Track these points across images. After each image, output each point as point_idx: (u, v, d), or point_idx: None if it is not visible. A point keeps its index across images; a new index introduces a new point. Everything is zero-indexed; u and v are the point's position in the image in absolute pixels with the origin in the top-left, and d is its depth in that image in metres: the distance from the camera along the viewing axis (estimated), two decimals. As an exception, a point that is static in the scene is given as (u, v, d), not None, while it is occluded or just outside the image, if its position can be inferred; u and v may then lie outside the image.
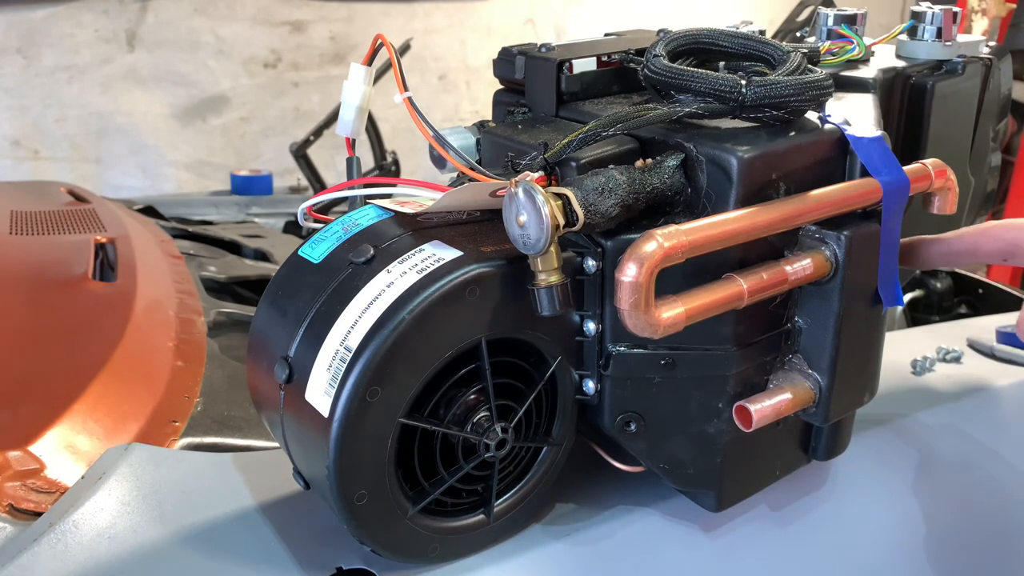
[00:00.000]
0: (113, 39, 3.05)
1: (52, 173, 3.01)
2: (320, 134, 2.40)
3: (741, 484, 0.64)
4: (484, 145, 0.65)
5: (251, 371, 0.58)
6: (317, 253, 0.56)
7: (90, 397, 0.75)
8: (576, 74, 0.64)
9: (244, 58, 3.27)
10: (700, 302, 0.50)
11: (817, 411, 0.60)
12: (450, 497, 0.56)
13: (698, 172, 0.54)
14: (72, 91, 3.03)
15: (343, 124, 0.66)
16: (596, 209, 0.50)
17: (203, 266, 1.26)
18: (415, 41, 2.86)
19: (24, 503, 0.63)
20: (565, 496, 0.64)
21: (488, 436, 0.54)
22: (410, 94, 0.58)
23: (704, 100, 0.55)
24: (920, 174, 0.58)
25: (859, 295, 0.57)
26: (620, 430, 0.58)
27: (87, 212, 1.32)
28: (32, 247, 1.13)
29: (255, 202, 2.13)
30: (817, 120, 0.57)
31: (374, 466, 0.51)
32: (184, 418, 0.78)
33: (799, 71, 0.56)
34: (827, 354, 0.58)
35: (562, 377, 0.57)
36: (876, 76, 0.68)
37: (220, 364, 0.90)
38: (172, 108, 3.21)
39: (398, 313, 0.49)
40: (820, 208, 0.54)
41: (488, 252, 0.52)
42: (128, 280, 1.01)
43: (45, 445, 0.68)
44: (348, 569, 0.57)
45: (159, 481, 0.63)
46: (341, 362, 0.49)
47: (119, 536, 0.58)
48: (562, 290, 0.50)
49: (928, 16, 0.75)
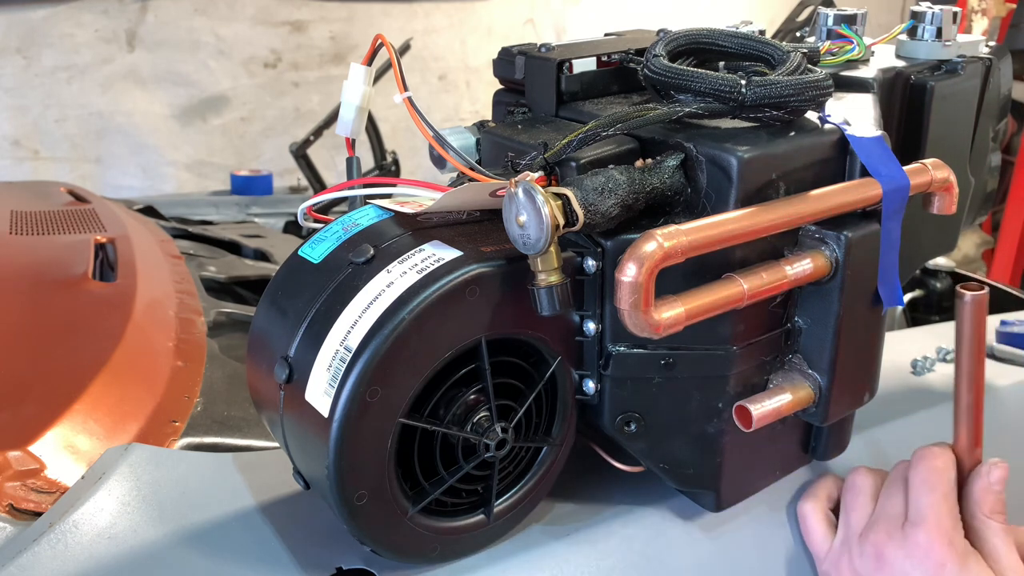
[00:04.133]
0: (113, 39, 3.05)
1: (52, 173, 3.01)
2: (320, 134, 2.40)
3: (741, 484, 0.64)
4: (484, 145, 0.65)
5: (251, 371, 0.58)
6: (317, 253, 0.56)
7: (90, 397, 0.75)
8: (576, 74, 0.64)
9: (244, 58, 3.27)
10: (700, 302, 0.50)
11: (817, 411, 0.60)
12: (450, 497, 0.56)
13: (698, 172, 0.54)
14: (72, 91, 3.03)
15: (343, 124, 0.66)
16: (596, 209, 0.50)
17: (203, 266, 1.26)
18: (415, 41, 2.86)
19: (24, 503, 0.63)
20: (565, 496, 0.64)
21: (488, 436, 0.54)
22: (410, 94, 0.58)
23: (704, 100, 0.55)
24: (920, 174, 0.58)
25: (859, 295, 0.57)
26: (620, 430, 0.58)
27: (87, 212, 1.32)
28: (32, 247, 1.13)
29: (255, 202, 2.13)
30: (817, 120, 0.57)
31: (374, 466, 0.51)
32: (184, 418, 0.78)
33: (799, 71, 0.56)
34: (827, 354, 0.58)
35: (562, 377, 0.57)
36: (876, 76, 0.68)
37: (220, 364, 0.90)
38: (172, 108, 3.21)
39: (398, 313, 0.49)
40: (820, 208, 0.54)
41: (488, 252, 0.52)
42: (128, 280, 1.01)
43: (45, 445, 0.68)
44: (348, 569, 0.57)
45: (159, 481, 0.63)
46: (341, 362, 0.49)
47: (119, 536, 0.58)
48: (562, 290, 0.50)
49: (928, 16, 0.75)
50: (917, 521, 0.58)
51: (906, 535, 0.59)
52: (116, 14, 3.03)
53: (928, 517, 0.58)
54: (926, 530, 0.58)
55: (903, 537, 0.59)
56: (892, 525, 0.60)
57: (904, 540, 0.59)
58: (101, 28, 3.02)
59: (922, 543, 0.58)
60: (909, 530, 0.59)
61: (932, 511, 0.58)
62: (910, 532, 0.58)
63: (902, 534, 0.59)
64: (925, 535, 0.58)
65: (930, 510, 0.58)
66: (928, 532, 0.58)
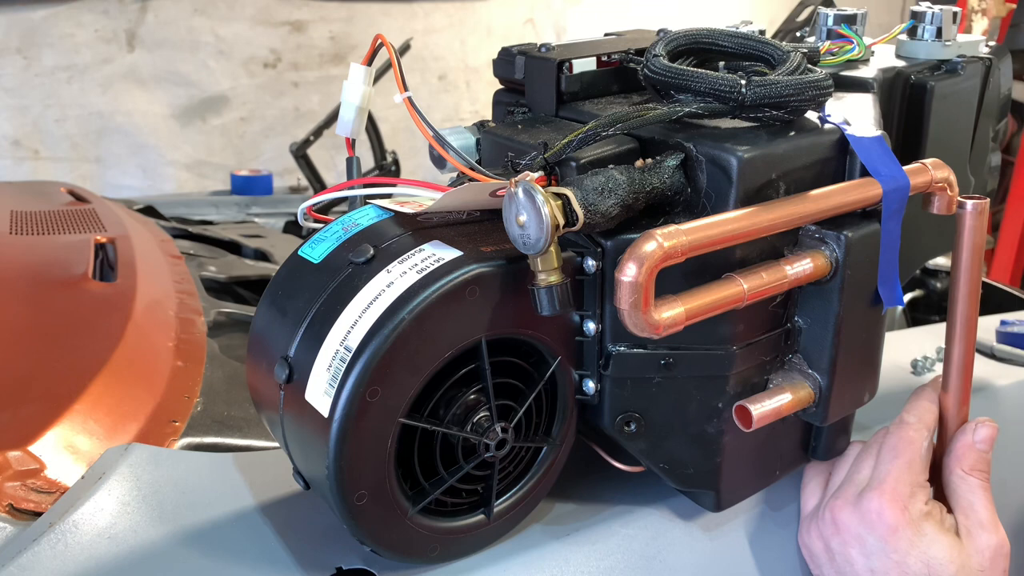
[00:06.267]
0: (113, 39, 3.05)
1: (52, 173, 3.01)
2: (320, 134, 2.40)
3: (741, 484, 0.64)
4: (484, 145, 0.65)
5: (251, 371, 0.58)
6: (317, 253, 0.56)
7: (90, 397, 0.75)
8: (576, 74, 0.64)
9: (244, 58, 3.27)
10: (700, 302, 0.50)
11: (817, 411, 0.60)
12: (450, 497, 0.56)
13: (698, 172, 0.54)
14: (72, 91, 3.03)
15: (343, 124, 0.66)
16: (596, 209, 0.50)
17: (203, 266, 1.26)
18: (415, 41, 2.86)
19: (24, 503, 0.63)
20: (565, 496, 0.64)
21: (488, 436, 0.54)
22: (410, 94, 0.58)
23: (704, 100, 0.55)
24: (920, 174, 0.58)
25: (859, 295, 0.57)
26: (620, 430, 0.58)
27: (87, 212, 1.32)
28: (32, 247, 1.13)
29: (255, 202, 2.13)
30: (817, 120, 0.57)
31: (374, 466, 0.51)
32: (184, 418, 0.78)
33: (799, 71, 0.56)
34: (827, 354, 0.58)
35: (562, 377, 0.57)
36: (876, 76, 0.68)
37: (220, 364, 0.90)
38: (172, 108, 3.21)
39: (398, 313, 0.49)
40: (820, 208, 0.54)
41: (488, 252, 0.52)
42: (128, 280, 1.01)
43: (45, 445, 0.68)
44: (348, 569, 0.57)
45: (159, 481, 0.63)
46: (341, 362, 0.49)
47: (119, 536, 0.58)
48: (562, 290, 0.50)
49: (928, 16, 0.75)
50: (874, 486, 0.59)
51: (860, 500, 0.59)
52: (116, 14, 3.04)
53: (885, 483, 0.59)
54: (879, 495, 0.58)
55: (857, 502, 0.59)
56: (853, 491, 0.61)
57: (858, 505, 0.59)
58: (101, 28, 3.02)
59: (874, 508, 0.58)
60: (865, 494, 0.59)
61: (891, 477, 0.59)
62: (865, 497, 0.59)
63: (857, 499, 0.59)
64: (878, 500, 0.58)
65: (889, 476, 0.59)
66: (881, 497, 0.58)
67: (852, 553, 0.59)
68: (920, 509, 0.58)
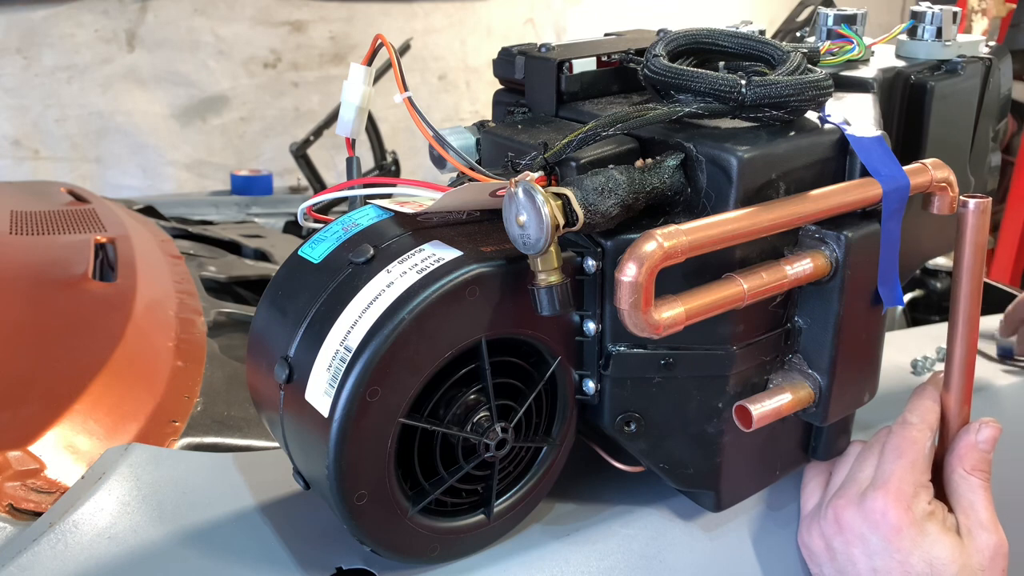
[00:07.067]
0: (113, 39, 3.05)
1: (52, 173, 3.01)
2: (320, 134, 2.40)
3: (741, 484, 0.64)
4: (484, 145, 0.65)
5: (251, 371, 0.58)
6: (317, 253, 0.56)
7: (90, 397, 0.75)
8: (576, 74, 0.64)
9: (244, 58, 3.27)
10: (700, 302, 0.50)
11: (817, 411, 0.60)
12: (450, 497, 0.56)
13: (698, 172, 0.54)
14: (72, 91, 3.03)
15: (343, 124, 0.66)
16: (596, 209, 0.50)
17: (203, 266, 1.26)
18: (415, 41, 2.86)
19: (24, 503, 0.63)
20: (565, 496, 0.64)
21: (488, 436, 0.54)
22: (410, 94, 0.58)
23: (704, 100, 0.55)
24: (920, 174, 0.58)
25: (859, 295, 0.57)
26: (620, 430, 0.58)
27: (87, 212, 1.32)
28: (32, 247, 1.13)
29: (255, 202, 2.13)
30: (817, 120, 0.57)
31: (374, 466, 0.51)
32: (184, 418, 0.78)
33: (799, 71, 0.56)
34: (827, 354, 0.58)
35: (562, 377, 0.57)
36: (876, 76, 0.68)
37: (220, 364, 0.90)
38: (172, 108, 3.21)
39: (398, 313, 0.49)
40: (820, 208, 0.54)
41: (488, 252, 0.52)
42: (128, 280, 1.01)
43: (45, 445, 0.68)
44: (348, 569, 0.57)
45: (159, 481, 0.63)
46: (341, 362, 0.49)
47: (119, 536, 0.58)
48: (562, 290, 0.50)
49: (928, 16, 0.75)
50: (878, 486, 0.59)
51: (864, 499, 0.59)
52: (116, 14, 3.04)
53: (889, 482, 0.59)
54: (884, 495, 0.58)
55: (861, 502, 0.59)
56: (856, 490, 0.60)
57: (862, 505, 0.59)
58: (101, 28, 3.02)
59: (878, 508, 0.58)
60: (868, 494, 0.59)
61: (895, 477, 0.59)
62: (869, 496, 0.59)
63: (860, 499, 0.59)
64: (882, 500, 0.58)
65: (893, 476, 0.59)
66: (886, 497, 0.58)
67: (855, 552, 0.59)
68: (923, 509, 0.58)
